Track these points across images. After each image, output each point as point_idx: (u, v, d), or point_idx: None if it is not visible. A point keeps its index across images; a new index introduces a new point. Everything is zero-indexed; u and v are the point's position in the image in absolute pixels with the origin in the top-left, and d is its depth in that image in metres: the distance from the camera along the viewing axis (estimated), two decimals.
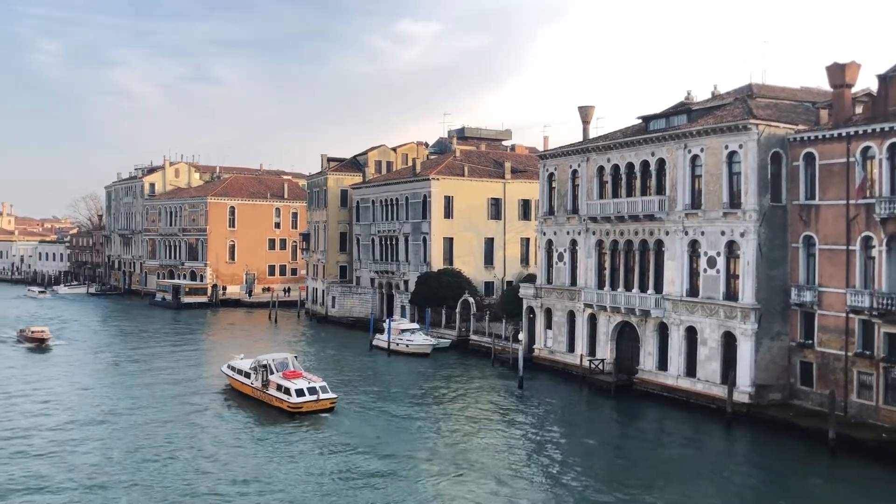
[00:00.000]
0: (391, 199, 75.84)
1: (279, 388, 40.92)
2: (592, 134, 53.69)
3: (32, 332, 63.53)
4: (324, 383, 41.47)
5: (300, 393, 39.89)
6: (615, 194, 48.07)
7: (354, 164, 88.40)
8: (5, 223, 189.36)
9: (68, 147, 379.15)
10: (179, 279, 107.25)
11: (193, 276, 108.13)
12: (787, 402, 38.89)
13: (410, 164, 79.61)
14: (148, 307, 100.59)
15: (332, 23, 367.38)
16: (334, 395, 41.11)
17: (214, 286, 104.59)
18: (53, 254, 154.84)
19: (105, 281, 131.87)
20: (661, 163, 44.70)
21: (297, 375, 41.77)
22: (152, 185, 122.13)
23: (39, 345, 61.33)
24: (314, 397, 39.95)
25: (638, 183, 46.42)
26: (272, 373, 42.05)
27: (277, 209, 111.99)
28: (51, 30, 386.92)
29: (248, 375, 43.93)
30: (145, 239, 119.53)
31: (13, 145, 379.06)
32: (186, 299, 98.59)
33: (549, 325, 53.38)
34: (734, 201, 40.52)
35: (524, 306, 55.50)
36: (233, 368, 45.98)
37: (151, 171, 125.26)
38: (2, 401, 42.48)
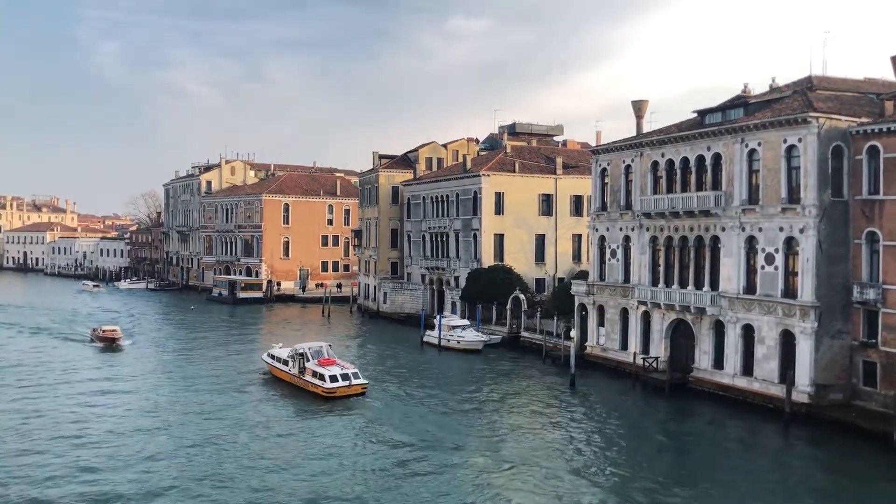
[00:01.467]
0: (442, 196, 76.00)
1: (314, 374, 43.66)
2: (646, 128, 52.95)
3: (104, 331, 62.27)
4: (356, 370, 44.15)
5: (334, 379, 42.53)
6: (670, 189, 47.32)
7: (405, 161, 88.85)
8: (69, 220, 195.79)
9: (128, 146, 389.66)
10: (235, 275, 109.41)
11: (249, 272, 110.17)
12: (849, 402, 37.78)
13: (461, 160, 79.64)
14: (205, 302, 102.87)
15: (383, 21, 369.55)
16: (365, 381, 43.80)
17: (269, 282, 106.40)
18: (114, 250, 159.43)
19: (164, 276, 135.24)
20: (717, 157, 43.83)
21: (331, 363, 44.53)
22: (209, 182, 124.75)
23: (110, 344, 60.10)
24: (346, 383, 42.58)
25: (693, 178, 45.60)
26: (308, 360, 44.91)
27: (330, 206, 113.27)
28: (110, 32, 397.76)
29: (286, 363, 46.75)
30: (202, 235, 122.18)
31: (75, 145, 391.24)
32: (242, 295, 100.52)
33: (601, 323, 52.87)
34: (793, 196, 39.51)
35: (576, 303, 55.07)
36: (272, 357, 48.97)
37: (208, 169, 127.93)
38: (67, 400, 43.73)
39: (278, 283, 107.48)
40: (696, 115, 48.17)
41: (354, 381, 42.99)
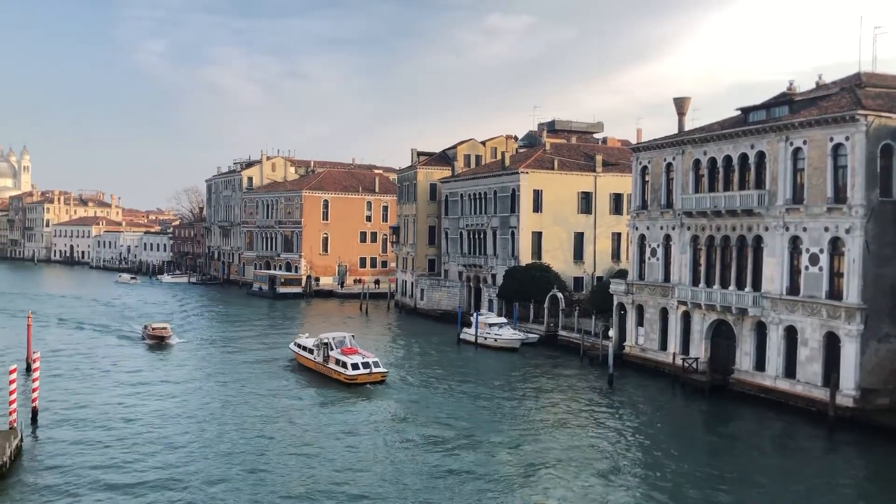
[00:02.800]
0: (480, 193, 75.95)
1: (337, 362, 46.17)
2: (688, 126, 52.27)
3: (154, 328, 60.83)
4: (376, 359, 46.56)
5: (355, 367, 45.04)
6: (712, 188, 46.67)
7: (444, 158, 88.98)
8: (114, 215, 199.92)
9: (171, 142, 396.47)
10: (275, 270, 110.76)
11: (288, 267, 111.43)
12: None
13: (499, 157, 79.49)
14: (245, 297, 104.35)
15: (422, 19, 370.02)
16: (385, 370, 46.26)
17: (308, 277, 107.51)
18: (157, 244, 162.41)
19: (205, 271, 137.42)
20: (761, 156, 43.11)
21: (353, 352, 47.03)
22: (250, 178, 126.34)
23: (160, 342, 58.75)
24: (367, 371, 45.08)
25: (736, 176, 44.92)
26: (332, 349, 47.51)
27: (369, 202, 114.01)
28: (155, 30, 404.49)
29: (311, 351, 49.52)
30: (243, 231, 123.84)
31: (120, 141, 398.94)
32: (282, 289, 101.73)
33: (640, 322, 52.39)
34: (839, 196, 38.69)
35: (615, 302, 54.64)
36: (298, 346, 51.81)
37: (249, 165, 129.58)
38: (112, 393, 44.72)
39: (317, 279, 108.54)
40: (739, 112, 47.43)
41: (375, 370, 45.35)
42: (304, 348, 50.61)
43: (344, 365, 45.48)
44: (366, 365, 45.30)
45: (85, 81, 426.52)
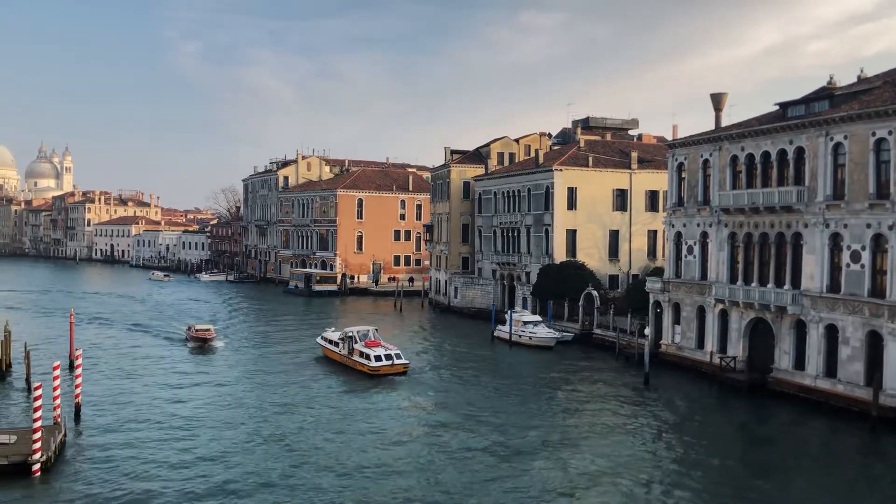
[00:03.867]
0: (513, 191, 75.75)
1: (361, 354, 48.27)
2: (725, 122, 51.56)
3: (197, 330, 59.54)
4: (398, 351, 48.47)
5: (378, 359, 47.12)
6: (749, 185, 46.00)
7: (477, 156, 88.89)
8: (153, 214, 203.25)
9: (208, 142, 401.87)
10: (311, 268, 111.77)
11: (324, 266, 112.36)
12: None
13: (533, 155, 79.18)
14: (282, 294, 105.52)
15: (454, 17, 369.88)
16: (406, 361, 48.12)
17: (343, 275, 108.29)
18: (195, 243, 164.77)
19: (242, 269, 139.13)
20: (800, 151, 42.37)
21: (376, 344, 49.06)
22: (286, 178, 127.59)
23: (203, 345, 57.50)
24: (389, 362, 47.13)
25: (774, 173, 44.22)
26: (356, 342, 49.65)
27: (402, 201, 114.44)
28: (192, 32, 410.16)
29: (336, 344, 51.69)
30: (279, 229, 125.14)
31: (159, 141, 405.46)
32: (317, 287, 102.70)
33: (676, 321, 51.85)
34: (882, 192, 37.84)
35: (650, 300, 54.14)
36: (325, 339, 54.16)
37: (285, 164, 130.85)
38: (153, 394, 45.54)
39: (352, 277, 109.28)
40: (777, 107, 46.66)
41: (397, 361, 47.42)
42: (330, 342, 52.92)
43: (367, 357, 47.59)
44: (388, 357, 47.37)
45: (124, 83, 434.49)
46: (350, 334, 50.57)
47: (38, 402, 29.02)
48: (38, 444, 28.09)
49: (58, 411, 32.33)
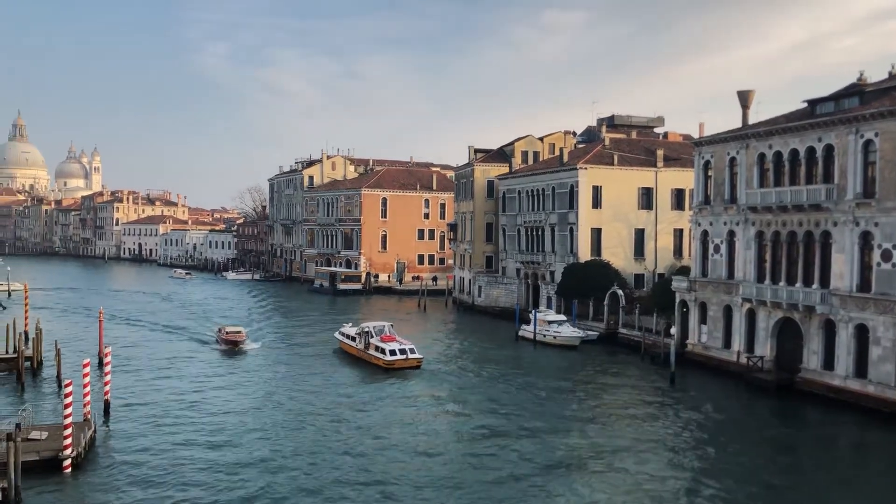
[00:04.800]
0: (537, 190, 75.52)
1: (377, 349, 49.80)
2: (752, 120, 50.98)
3: (227, 332, 58.01)
4: (412, 346, 49.97)
5: (393, 353, 48.81)
6: (777, 183, 45.47)
7: (501, 154, 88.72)
8: (180, 213, 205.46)
9: (234, 142, 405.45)
10: (336, 267, 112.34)
11: (348, 264, 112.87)
12: None
13: (557, 153, 78.87)
14: (307, 293, 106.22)
15: (477, 16, 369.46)
16: (420, 356, 49.70)
17: (368, 274, 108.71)
18: (222, 242, 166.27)
19: (268, 268, 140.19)
20: (829, 149, 41.79)
21: (391, 339, 50.62)
22: (311, 177, 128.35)
23: (233, 347, 56.12)
24: (404, 357, 48.82)
25: (802, 170, 43.67)
26: (372, 337, 51.30)
27: (426, 200, 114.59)
28: (219, 33, 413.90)
29: (353, 339, 53.57)
30: (305, 228, 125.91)
31: (186, 142, 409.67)
32: (342, 286, 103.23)
33: (703, 320, 51.40)
34: None
35: (677, 300, 53.72)
36: (342, 334, 56.17)
37: (310, 164, 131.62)
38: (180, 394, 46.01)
39: (376, 276, 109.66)
40: (806, 104, 46.06)
41: (411, 356, 49.09)
42: (348, 336, 54.85)
43: (382, 351, 49.22)
44: (402, 351, 49.08)
45: (152, 84, 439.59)
46: (366, 329, 52.46)
47: (69, 399, 29.48)
48: (68, 441, 28.55)
49: (88, 408, 32.82)
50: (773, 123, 46.50)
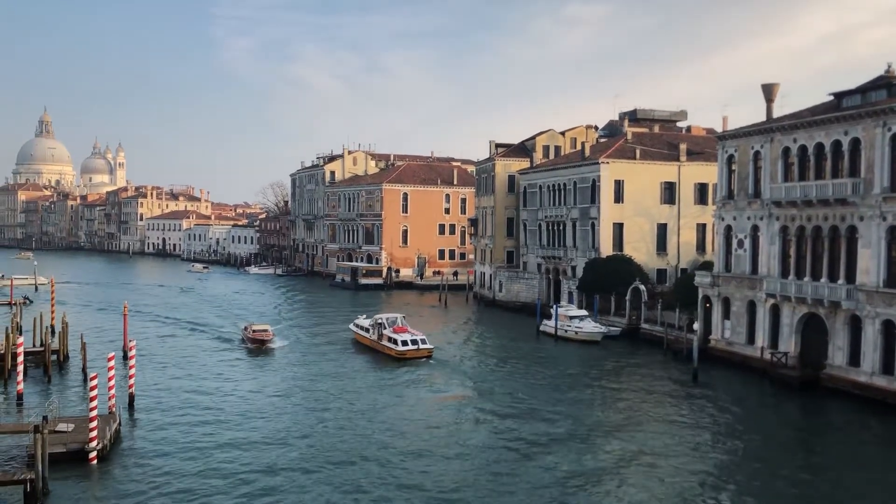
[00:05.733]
0: (559, 184, 75.20)
1: (389, 339, 51.60)
2: (776, 113, 50.39)
3: (254, 331, 56.21)
4: (423, 336, 51.82)
5: (405, 343, 50.58)
6: (802, 177, 44.91)
7: (522, 149, 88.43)
8: (203, 208, 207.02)
9: (257, 137, 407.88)
10: (357, 262, 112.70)
11: (370, 259, 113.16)
12: None
13: (579, 148, 78.43)
14: (329, 288, 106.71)
15: (499, 10, 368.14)
16: (431, 346, 51.44)
17: (389, 269, 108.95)
18: (244, 237, 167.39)
19: (290, 263, 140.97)
20: (856, 142, 41.19)
21: (403, 330, 52.40)
22: (332, 172, 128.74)
23: (260, 346, 54.45)
24: (415, 347, 50.56)
25: (828, 164, 43.09)
26: (385, 328, 53.05)
27: (447, 195, 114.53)
28: (242, 29, 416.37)
29: (367, 330, 55.53)
30: (326, 224, 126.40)
31: (209, 137, 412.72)
32: (363, 281, 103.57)
33: (726, 316, 50.96)
34: None
35: (699, 295, 53.29)
36: (357, 325, 58.09)
37: (331, 159, 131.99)
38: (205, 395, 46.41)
39: (397, 270, 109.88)
40: (832, 97, 45.44)
41: (422, 346, 50.84)
42: (362, 328, 56.84)
43: (394, 342, 51.05)
44: (414, 342, 50.85)
45: (176, 80, 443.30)
46: (379, 321, 54.32)
47: (94, 392, 29.86)
48: (94, 433, 28.91)
49: (113, 401, 33.23)
50: (799, 117, 45.93)
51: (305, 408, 38.16)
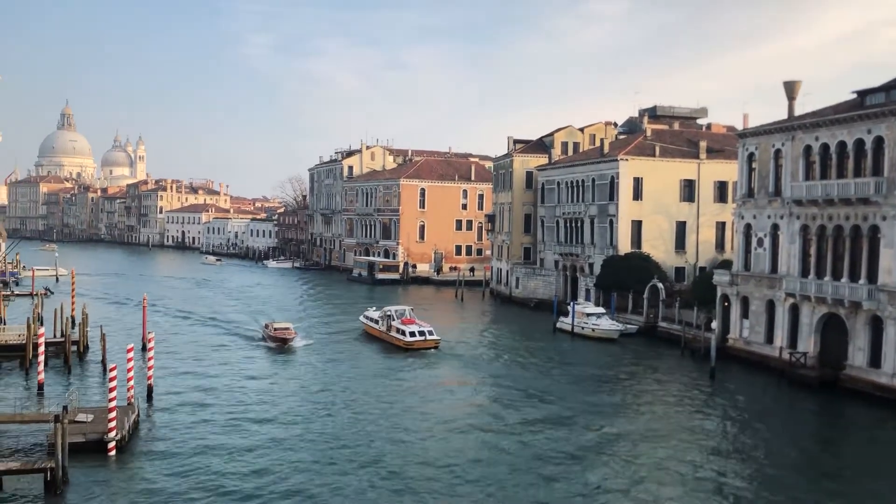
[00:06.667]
0: (577, 181, 74.90)
1: (398, 330, 53.38)
2: (798, 111, 49.87)
3: (276, 329, 54.18)
4: (431, 328, 53.45)
5: (412, 334, 52.47)
6: (824, 175, 44.44)
7: (540, 145, 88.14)
8: (222, 202, 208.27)
9: (276, 132, 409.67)
10: (374, 256, 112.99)
11: (387, 254, 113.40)
12: None
13: (598, 144, 78.06)
14: (346, 282, 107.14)
15: (519, 6, 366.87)
16: (438, 338, 53.07)
17: (405, 264, 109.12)
18: (263, 231, 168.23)
19: (308, 257, 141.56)
20: (879, 141, 40.68)
21: (411, 322, 54.21)
22: (350, 167, 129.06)
23: (282, 345, 52.61)
24: (422, 338, 52.39)
25: (850, 163, 42.60)
26: (393, 320, 54.77)
27: (464, 191, 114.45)
28: (261, 24, 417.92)
29: (376, 322, 57.33)
30: (344, 218, 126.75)
31: (228, 131, 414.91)
32: (380, 275, 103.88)
33: (745, 314, 50.58)
34: None
35: (718, 294, 52.92)
36: (366, 317, 59.87)
37: (349, 154, 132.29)
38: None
39: (414, 266, 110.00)
40: (855, 95, 44.92)
41: (429, 337, 52.63)
42: (371, 319, 58.66)
43: (402, 333, 52.85)
44: (421, 333, 52.58)
45: (196, 74, 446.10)
46: (388, 313, 56.15)
47: (113, 383, 30.16)
48: (113, 423, 29.21)
49: (131, 392, 33.55)
50: (821, 115, 45.45)
51: (324, 404, 38.21)
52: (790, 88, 50.57)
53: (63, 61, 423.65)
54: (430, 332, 53.06)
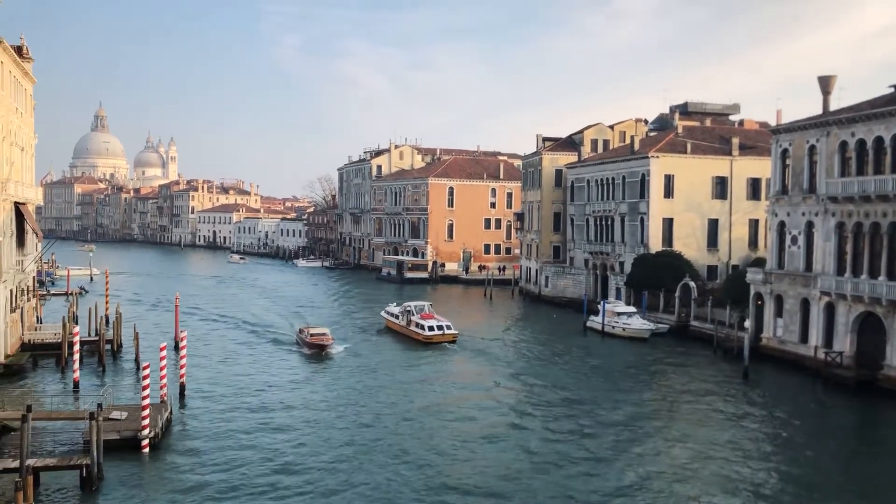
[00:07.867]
0: (607, 179, 74.32)
1: (417, 325, 55.78)
2: (833, 106, 48.95)
3: (312, 334, 51.38)
4: (448, 323, 55.75)
5: (431, 329, 54.79)
6: (860, 172, 43.57)
7: (570, 143, 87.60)
8: (252, 202, 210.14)
9: (305, 132, 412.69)
10: (403, 255, 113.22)
11: (415, 253, 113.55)
12: None
13: (628, 141, 77.34)
14: (375, 281, 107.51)
15: (546, 3, 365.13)
16: (456, 332, 55.34)
17: (434, 263, 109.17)
18: (293, 230, 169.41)
19: (338, 256, 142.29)
20: None
21: (430, 317, 56.58)
22: (379, 167, 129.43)
23: (319, 352, 49.92)
24: (441, 332, 54.74)
25: (888, 159, 41.70)
26: (413, 315, 57.33)
27: (493, 189, 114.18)
28: (290, 25, 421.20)
29: (396, 317, 59.71)
30: (373, 217, 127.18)
31: (258, 132, 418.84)
32: (409, 274, 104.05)
33: (779, 314, 49.78)
34: None
35: (751, 292, 52.16)
36: (388, 312, 62.31)
37: (378, 153, 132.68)
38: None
39: (442, 265, 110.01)
40: (892, 90, 43.99)
41: (447, 331, 54.89)
42: (392, 314, 61.08)
43: (421, 327, 55.15)
44: (440, 328, 54.95)
45: (226, 76, 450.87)
46: (408, 308, 58.78)
47: (147, 382, 30.50)
48: (146, 421, 29.55)
49: (164, 390, 33.92)
50: (857, 110, 44.58)
51: (355, 406, 38.19)
52: (825, 83, 49.62)
53: (96, 64, 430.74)
54: (448, 327, 55.33)
